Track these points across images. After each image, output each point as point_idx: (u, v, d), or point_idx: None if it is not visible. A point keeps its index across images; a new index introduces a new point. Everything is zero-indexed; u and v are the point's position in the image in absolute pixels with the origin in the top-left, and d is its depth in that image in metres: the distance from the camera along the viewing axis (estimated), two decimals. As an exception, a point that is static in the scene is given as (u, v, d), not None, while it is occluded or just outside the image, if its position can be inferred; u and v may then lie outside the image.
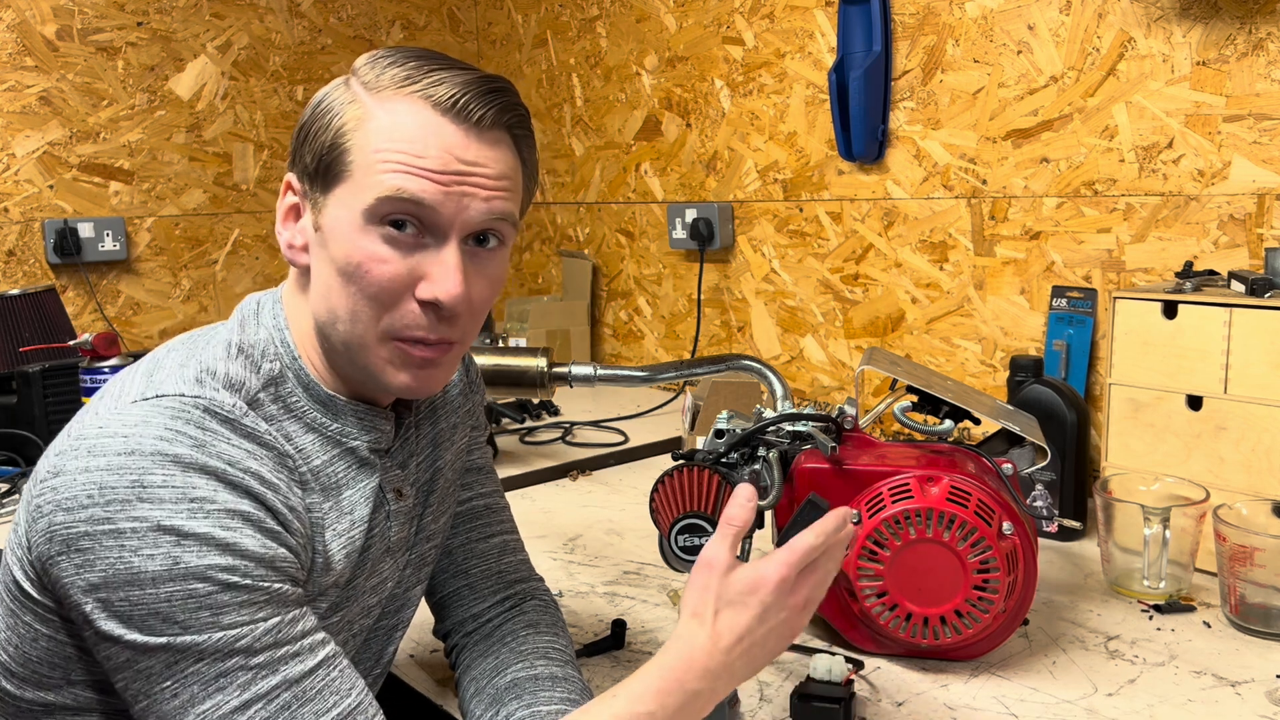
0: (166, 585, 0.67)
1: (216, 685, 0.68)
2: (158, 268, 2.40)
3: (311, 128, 0.79)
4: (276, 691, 0.69)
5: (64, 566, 0.69)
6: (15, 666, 0.77)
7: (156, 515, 0.68)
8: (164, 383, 0.74)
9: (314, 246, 0.79)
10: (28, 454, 1.73)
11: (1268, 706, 0.97)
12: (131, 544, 0.67)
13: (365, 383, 0.82)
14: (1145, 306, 1.31)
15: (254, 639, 0.69)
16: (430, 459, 0.93)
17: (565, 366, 1.44)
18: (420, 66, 0.77)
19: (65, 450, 0.71)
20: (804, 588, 0.77)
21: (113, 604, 0.68)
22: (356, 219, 0.75)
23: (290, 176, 0.81)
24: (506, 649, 0.95)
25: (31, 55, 2.21)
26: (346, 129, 0.76)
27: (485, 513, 1.03)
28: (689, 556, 1.06)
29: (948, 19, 1.77)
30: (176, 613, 0.67)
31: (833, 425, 1.12)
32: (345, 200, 0.76)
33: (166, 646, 0.68)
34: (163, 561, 0.67)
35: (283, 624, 0.71)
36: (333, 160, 0.76)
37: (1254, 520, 1.15)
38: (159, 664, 0.68)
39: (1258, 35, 1.43)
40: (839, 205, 1.99)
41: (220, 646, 0.68)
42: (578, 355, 2.51)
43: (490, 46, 2.82)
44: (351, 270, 0.75)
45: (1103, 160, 1.60)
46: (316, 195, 0.78)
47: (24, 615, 0.76)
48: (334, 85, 0.80)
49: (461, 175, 0.75)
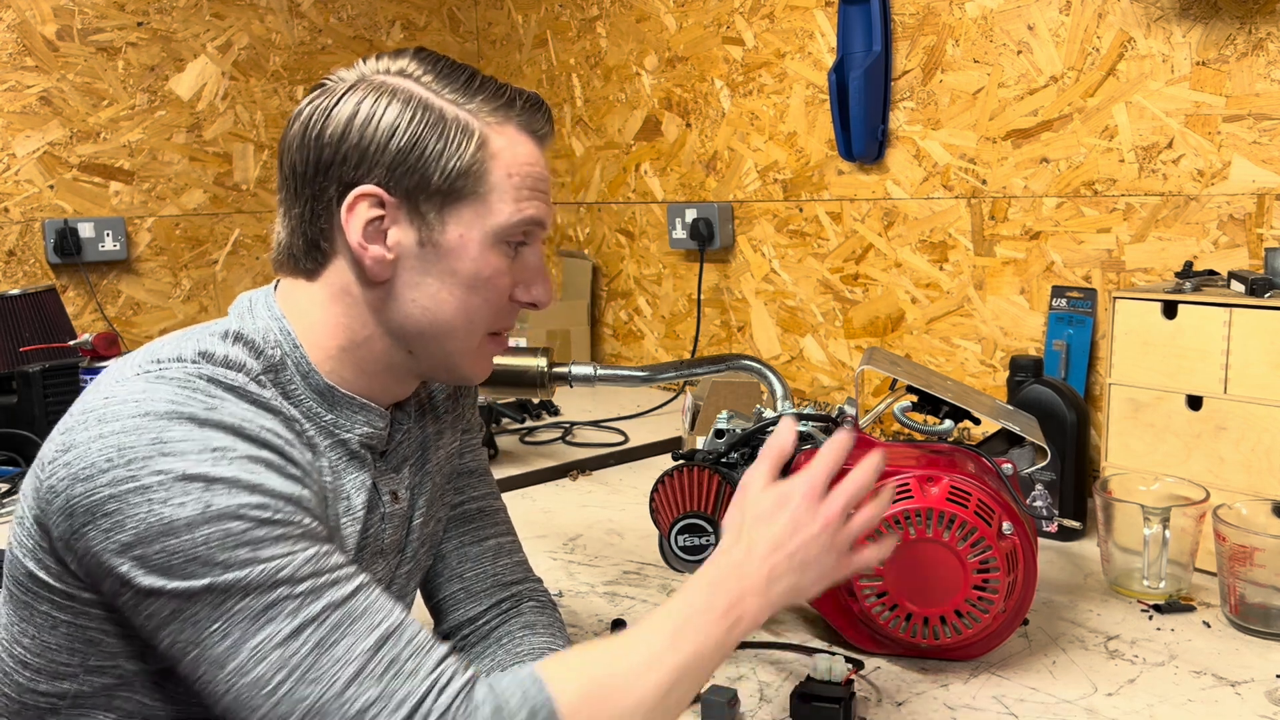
0: (202, 528, 0.68)
1: (266, 617, 0.69)
2: (158, 268, 2.40)
3: (417, 147, 0.78)
4: (325, 613, 0.70)
5: (92, 535, 0.69)
6: (30, 657, 0.77)
7: (180, 466, 0.68)
8: (163, 358, 0.75)
9: (414, 261, 0.80)
10: (28, 454, 1.73)
11: (1267, 706, 0.97)
12: (159, 496, 0.67)
13: (397, 379, 0.86)
14: (1145, 306, 1.31)
15: (295, 569, 0.70)
16: (419, 462, 0.94)
17: (565, 366, 1.44)
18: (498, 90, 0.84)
19: (72, 426, 0.71)
20: (837, 507, 0.83)
21: (149, 558, 0.68)
22: (487, 237, 0.81)
23: (375, 189, 0.79)
24: (503, 651, 0.95)
25: (32, 55, 2.21)
26: (476, 154, 0.80)
27: (479, 515, 1.03)
28: (689, 556, 1.06)
29: (948, 19, 1.77)
30: (215, 553, 0.68)
31: (833, 425, 1.12)
32: (472, 220, 0.81)
33: (210, 588, 0.68)
34: (194, 507, 0.68)
35: (319, 555, 0.72)
36: (466, 183, 0.80)
37: (1254, 520, 1.15)
38: (205, 608, 0.68)
39: (1258, 35, 1.43)
40: (839, 205, 1.99)
41: (263, 579, 0.69)
42: (578, 355, 2.51)
43: (490, 46, 2.82)
44: (480, 284, 0.82)
45: (1103, 160, 1.60)
46: (428, 213, 0.80)
47: (40, 605, 0.75)
48: (399, 98, 0.79)
49: (549, 193, 0.87)
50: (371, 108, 0.79)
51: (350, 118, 0.79)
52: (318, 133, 0.80)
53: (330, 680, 0.68)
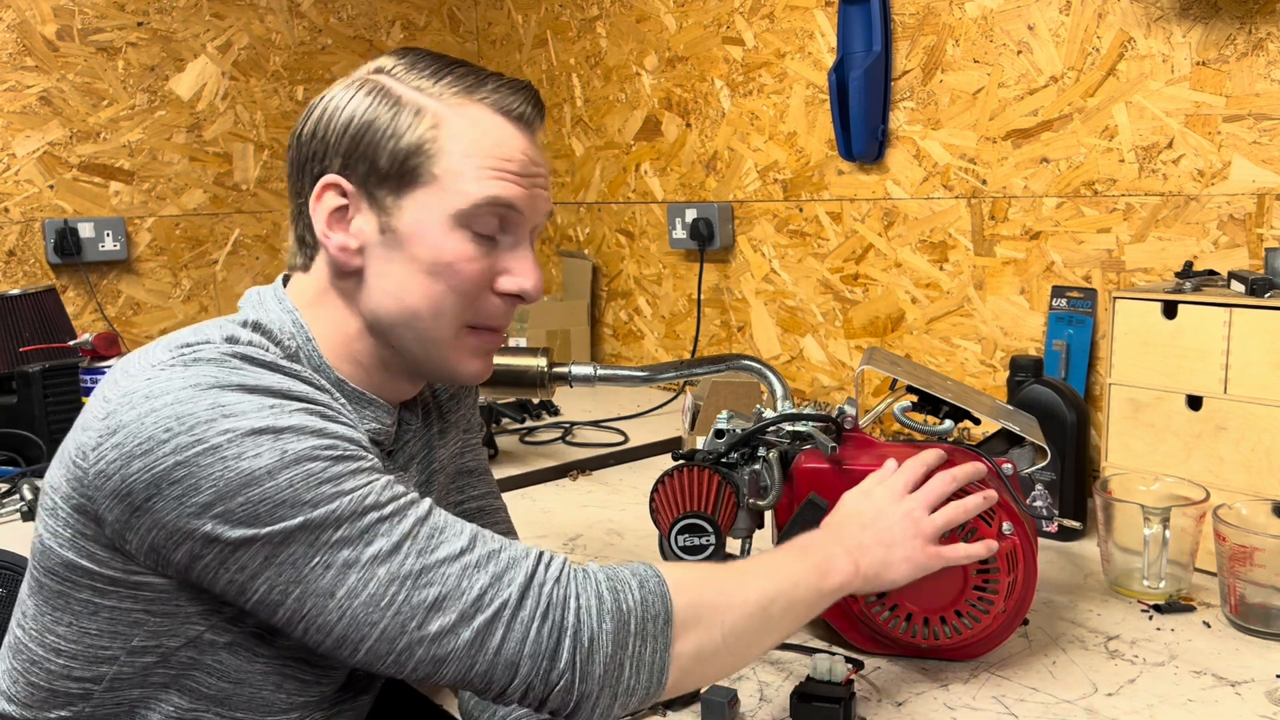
0: (283, 473, 0.70)
1: (364, 540, 0.71)
2: (158, 268, 2.40)
3: (370, 133, 0.80)
4: (415, 528, 0.73)
5: (161, 506, 0.69)
6: (65, 644, 0.77)
7: (245, 424, 0.70)
8: (192, 342, 0.76)
9: (377, 249, 0.81)
10: (28, 454, 1.73)
11: (1268, 706, 0.97)
12: (233, 452, 0.69)
13: (405, 376, 0.86)
14: (1145, 306, 1.31)
15: (377, 495, 0.73)
16: (425, 462, 0.94)
17: (565, 366, 1.44)
18: (469, 73, 0.83)
19: (114, 410, 0.71)
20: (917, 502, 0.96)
21: (234, 512, 0.69)
22: (445, 221, 0.80)
23: (338, 179, 0.81)
24: None
25: (31, 55, 2.21)
26: (426, 135, 0.79)
27: (480, 515, 1.03)
28: (689, 556, 1.06)
29: (948, 19, 1.77)
30: (302, 493, 0.70)
31: (833, 425, 1.12)
32: (429, 204, 0.80)
33: (304, 525, 0.70)
34: (270, 456, 0.69)
35: (392, 482, 0.75)
36: (415, 165, 0.79)
37: (1254, 520, 1.15)
38: (301, 546, 0.70)
39: (1258, 35, 1.43)
40: (839, 205, 1.99)
41: (353, 508, 0.71)
42: (578, 355, 2.51)
43: (490, 46, 2.82)
44: (441, 269, 0.80)
45: (1103, 160, 1.60)
46: (385, 199, 0.80)
47: (78, 594, 0.76)
48: (365, 89, 0.82)
49: (534, 178, 0.83)
50: (337, 102, 0.82)
51: (320, 114, 0.83)
52: (299, 132, 0.84)
53: (443, 578, 0.71)
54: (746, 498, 1.11)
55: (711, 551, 1.05)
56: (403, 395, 0.89)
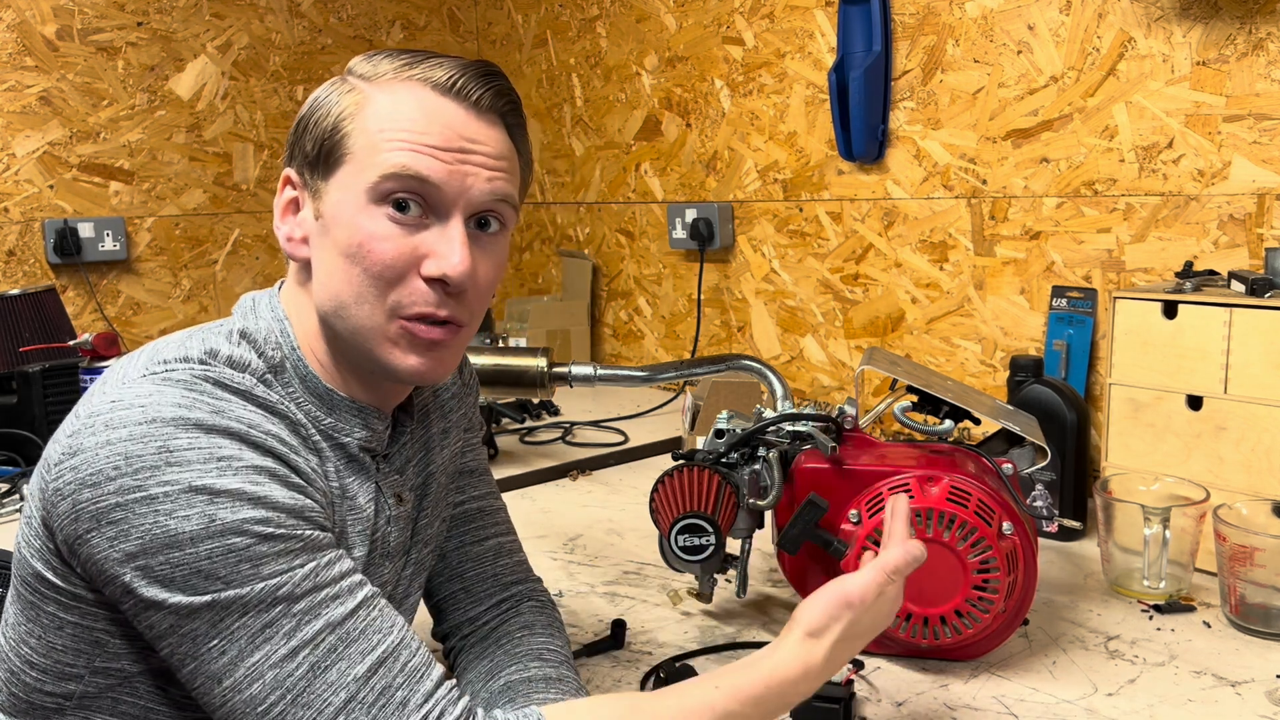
0: (205, 543, 0.68)
1: (263, 636, 0.69)
2: (158, 268, 2.40)
3: (309, 119, 0.80)
4: (321, 635, 0.70)
5: (96, 542, 0.69)
6: (37, 658, 0.77)
7: (187, 477, 0.68)
8: (170, 359, 0.75)
9: (315, 237, 0.80)
10: (28, 454, 1.73)
11: (1268, 706, 0.97)
12: (165, 507, 0.67)
13: (371, 376, 0.82)
14: (1145, 306, 1.31)
15: (294, 585, 0.70)
16: (423, 463, 0.93)
17: (565, 366, 1.44)
18: (415, 55, 0.79)
19: (79, 430, 0.71)
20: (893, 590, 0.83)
21: (153, 569, 0.68)
22: (359, 199, 0.76)
23: (289, 171, 0.82)
24: (502, 652, 0.95)
25: (31, 55, 2.21)
26: (346, 114, 0.77)
27: (479, 515, 1.03)
28: (689, 556, 1.06)
29: (948, 19, 1.77)
30: (218, 569, 0.68)
31: (833, 425, 1.12)
32: (346, 183, 0.77)
33: (211, 604, 0.68)
34: (199, 521, 0.68)
35: (319, 568, 0.71)
36: (334, 145, 0.77)
37: (1254, 520, 1.15)
38: (204, 624, 0.69)
39: (1258, 35, 1.43)
40: (839, 205, 1.99)
41: (263, 597, 0.69)
42: (578, 355, 2.51)
43: (490, 46, 2.82)
44: (354, 251, 0.76)
45: (1103, 160, 1.60)
46: (317, 184, 0.79)
47: (46, 606, 0.75)
48: (330, 83, 0.82)
49: (464, 153, 0.77)
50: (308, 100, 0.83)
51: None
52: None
53: (322, 706, 0.69)
54: (747, 498, 1.11)
55: (712, 551, 1.05)
56: (392, 398, 0.87)
